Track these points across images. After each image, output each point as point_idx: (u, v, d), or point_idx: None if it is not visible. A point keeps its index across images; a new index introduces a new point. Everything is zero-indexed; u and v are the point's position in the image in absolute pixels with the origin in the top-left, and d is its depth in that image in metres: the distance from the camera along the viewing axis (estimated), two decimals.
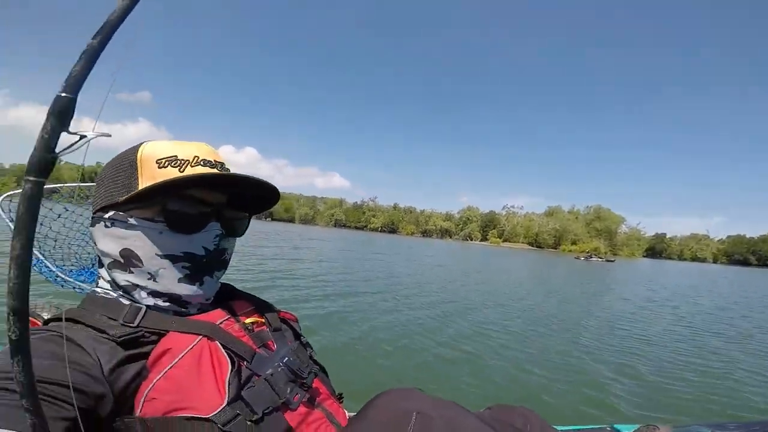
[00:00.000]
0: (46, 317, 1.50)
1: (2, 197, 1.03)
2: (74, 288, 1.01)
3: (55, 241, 1.09)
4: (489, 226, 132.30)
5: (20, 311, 0.26)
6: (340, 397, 0.81)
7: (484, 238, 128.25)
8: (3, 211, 1.02)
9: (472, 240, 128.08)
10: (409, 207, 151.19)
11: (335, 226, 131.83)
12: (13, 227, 0.99)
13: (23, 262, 0.26)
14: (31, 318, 1.51)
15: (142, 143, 0.63)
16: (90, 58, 0.25)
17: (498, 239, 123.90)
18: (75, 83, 0.25)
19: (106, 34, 0.25)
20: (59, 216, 1.09)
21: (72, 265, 1.10)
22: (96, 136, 0.27)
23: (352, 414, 0.96)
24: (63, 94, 0.24)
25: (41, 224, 1.05)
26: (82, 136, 0.27)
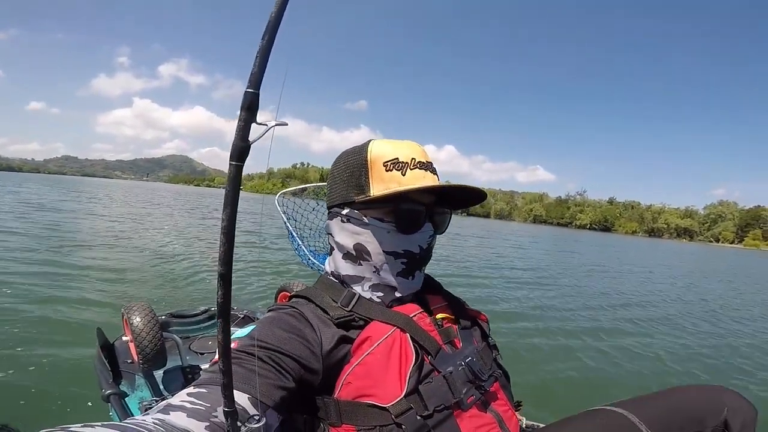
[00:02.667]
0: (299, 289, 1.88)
1: (278, 195, 1.29)
2: (319, 270, 1.16)
3: (311, 230, 1.34)
4: (751, 226, 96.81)
5: (225, 276, 0.31)
6: (518, 405, 0.77)
7: (740, 240, 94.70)
8: (278, 205, 1.30)
9: (719, 242, 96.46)
10: (630, 201, 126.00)
11: (534, 222, 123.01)
12: (285, 219, 1.29)
13: (229, 232, 0.32)
14: (286, 292, 2.00)
15: (368, 143, 0.69)
16: (263, 56, 0.29)
17: (758, 241, 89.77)
18: (256, 80, 0.29)
19: (271, 32, 0.28)
20: (313, 209, 1.33)
21: (319, 250, 1.30)
22: (277, 125, 0.31)
23: (532, 423, 0.87)
24: (249, 90, 0.29)
25: (300, 215, 1.33)
26: (267, 126, 0.31)
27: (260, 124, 0.31)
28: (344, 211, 0.68)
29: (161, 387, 1.52)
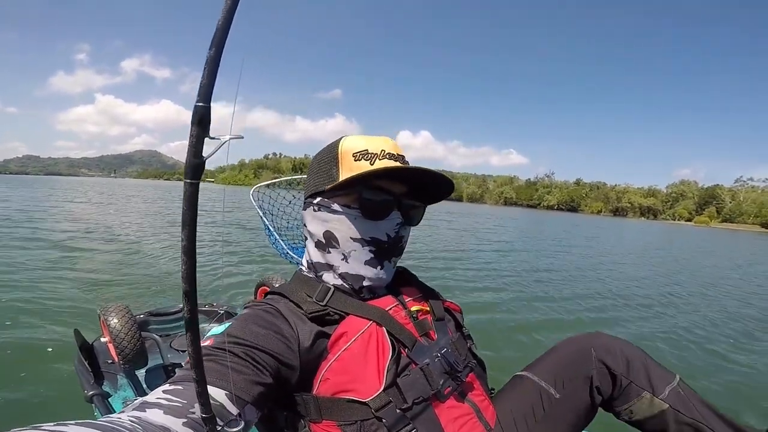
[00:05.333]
0: (276, 286, 1.86)
1: (252, 189, 1.27)
2: (297, 263, 1.17)
3: (288, 222, 1.32)
4: (708, 203, 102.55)
5: (190, 294, 0.30)
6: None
7: (690, 218, 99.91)
8: (253, 200, 1.27)
9: (676, 220, 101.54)
10: (596, 182, 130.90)
11: (504, 204, 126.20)
12: (261, 213, 1.26)
13: (190, 251, 0.30)
14: (266, 286, 1.97)
15: (341, 138, 0.71)
16: (212, 68, 0.27)
17: (708, 218, 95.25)
18: (206, 92, 0.27)
19: (219, 42, 0.27)
20: (290, 203, 1.31)
21: (296, 243, 1.29)
22: (231, 139, 0.29)
23: None
24: (199, 104, 0.27)
25: (277, 209, 1.30)
26: (221, 141, 0.30)
27: (213, 138, 0.29)
28: (315, 200, 0.70)
29: (144, 386, 1.51)
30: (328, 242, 0.69)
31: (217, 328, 0.61)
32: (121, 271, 4.81)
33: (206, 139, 0.29)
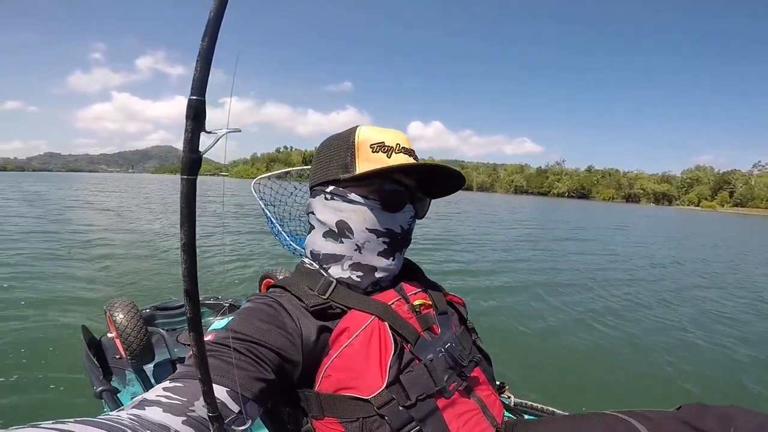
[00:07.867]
0: (280, 278, 1.86)
1: (254, 181, 1.27)
2: (300, 255, 1.19)
3: (290, 214, 1.32)
4: (722, 189, 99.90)
5: (191, 293, 0.30)
6: (501, 388, 0.78)
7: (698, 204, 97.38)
8: (255, 191, 1.27)
9: (687, 205, 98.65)
10: (608, 169, 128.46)
11: (515, 193, 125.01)
12: (263, 205, 1.26)
13: (190, 249, 0.30)
14: (270, 279, 1.98)
15: (356, 127, 0.69)
16: (204, 60, 0.26)
17: (716, 204, 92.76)
18: (200, 86, 0.26)
19: (211, 33, 0.26)
20: (291, 194, 1.31)
21: (299, 234, 1.30)
22: (229, 132, 0.29)
23: (520, 400, 0.86)
24: (194, 98, 0.26)
25: (278, 200, 1.30)
26: (218, 135, 0.29)
27: (209, 132, 0.28)
28: (328, 189, 0.68)
29: (152, 381, 1.52)
30: (340, 232, 0.68)
31: (218, 323, 0.61)
32: (126, 264, 4.89)
33: (203, 134, 0.28)
